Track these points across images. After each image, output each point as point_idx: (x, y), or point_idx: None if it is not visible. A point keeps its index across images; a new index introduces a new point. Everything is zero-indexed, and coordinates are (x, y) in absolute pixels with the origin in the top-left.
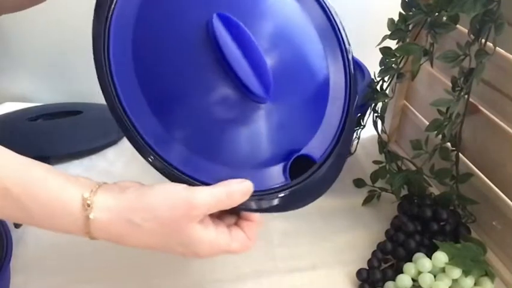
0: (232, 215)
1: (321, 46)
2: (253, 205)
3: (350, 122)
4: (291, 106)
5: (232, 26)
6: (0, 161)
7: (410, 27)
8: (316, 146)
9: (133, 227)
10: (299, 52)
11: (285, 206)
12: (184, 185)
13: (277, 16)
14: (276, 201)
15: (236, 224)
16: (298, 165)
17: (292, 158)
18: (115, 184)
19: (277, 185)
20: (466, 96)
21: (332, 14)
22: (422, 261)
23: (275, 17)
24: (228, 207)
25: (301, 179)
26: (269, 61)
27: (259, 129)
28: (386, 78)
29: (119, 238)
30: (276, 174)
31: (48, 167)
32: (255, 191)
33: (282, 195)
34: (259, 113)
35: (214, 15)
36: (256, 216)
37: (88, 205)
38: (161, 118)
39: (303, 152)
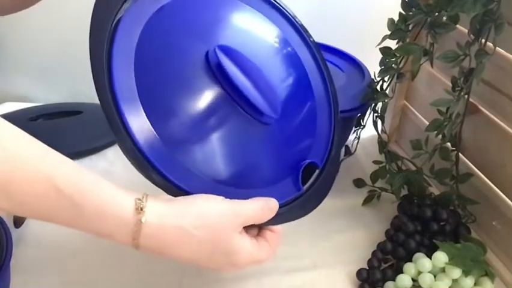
0: (255, 227)
1: (301, 62)
2: (276, 219)
3: (338, 126)
4: (290, 122)
5: (234, 54)
6: (51, 160)
7: (410, 27)
8: (315, 153)
9: (183, 234)
10: (286, 72)
11: (298, 214)
12: (223, 197)
13: (263, 45)
14: (292, 211)
15: (259, 235)
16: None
17: (302, 168)
18: (160, 195)
19: (292, 196)
20: (466, 96)
21: (299, 27)
22: (422, 261)
23: (260, 45)
24: (260, 221)
25: (310, 185)
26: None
27: (268, 147)
28: (386, 78)
29: (166, 247)
30: (288, 187)
31: (97, 174)
32: None
33: (295, 204)
34: (266, 132)
35: (216, 47)
36: (278, 227)
37: (141, 209)
38: (170, 147)
39: (308, 160)
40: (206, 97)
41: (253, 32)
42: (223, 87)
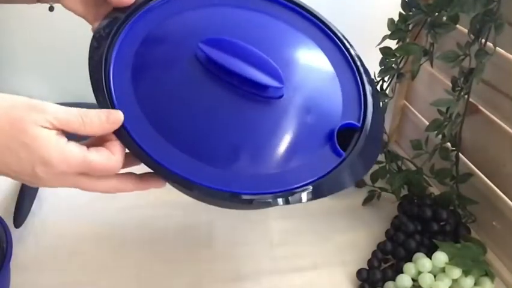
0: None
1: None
2: (324, 190)
3: (368, 84)
4: (304, 91)
5: (220, 43)
6: None
7: (410, 27)
8: (350, 116)
9: None
10: (286, 44)
11: (348, 181)
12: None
13: (256, 24)
14: (339, 178)
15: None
16: (340, 141)
17: (336, 132)
18: None
19: (334, 164)
20: (466, 96)
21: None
22: (422, 261)
23: (254, 25)
24: (85, 131)
25: (352, 148)
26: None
27: (289, 122)
28: (386, 78)
29: None
30: (328, 155)
31: None
32: (314, 180)
33: (340, 169)
34: (281, 108)
35: (199, 44)
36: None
37: None
38: (186, 151)
39: (341, 123)
40: (209, 94)
41: (242, 16)
42: (222, 79)
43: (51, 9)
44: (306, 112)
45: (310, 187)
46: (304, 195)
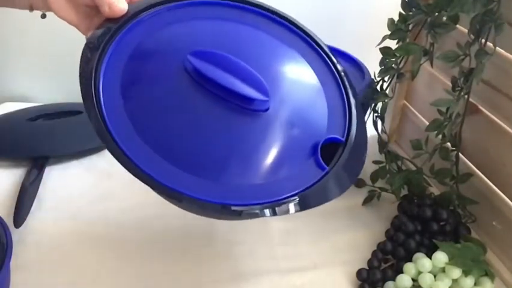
0: None
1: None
2: (311, 201)
3: (354, 98)
4: (290, 105)
5: (208, 55)
6: None
7: (410, 27)
8: (334, 130)
9: None
10: (273, 59)
11: (333, 193)
12: None
13: (244, 37)
14: (324, 191)
15: None
16: (326, 153)
17: (320, 146)
18: None
19: (318, 177)
20: (466, 96)
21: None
22: (422, 261)
23: (242, 39)
24: None
25: (336, 162)
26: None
27: (273, 135)
28: (386, 78)
29: None
30: (312, 169)
31: None
32: (300, 191)
33: (324, 183)
34: (266, 121)
35: (188, 56)
36: None
37: None
38: (175, 163)
39: (325, 137)
40: (197, 106)
41: (230, 29)
42: (210, 91)
43: (43, 16)
44: (292, 125)
45: (297, 198)
46: (291, 207)
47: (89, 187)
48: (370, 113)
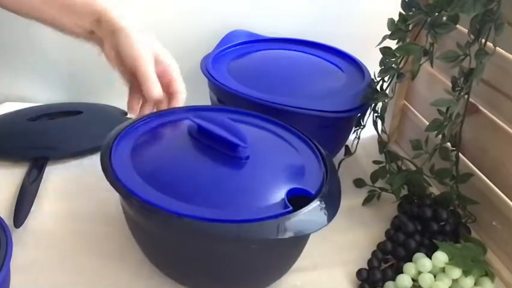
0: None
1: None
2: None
3: (329, 161)
4: (269, 160)
5: (205, 118)
6: None
7: (410, 27)
8: (308, 184)
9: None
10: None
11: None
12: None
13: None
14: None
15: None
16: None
17: (286, 199)
18: None
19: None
20: (466, 96)
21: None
22: (422, 261)
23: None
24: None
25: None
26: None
27: (250, 178)
28: (386, 78)
29: None
30: (278, 207)
31: None
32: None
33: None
34: (245, 167)
35: (191, 117)
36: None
37: None
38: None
39: (294, 188)
40: (191, 155)
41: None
42: (205, 144)
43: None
44: (267, 173)
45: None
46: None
47: (89, 187)
48: (370, 113)
